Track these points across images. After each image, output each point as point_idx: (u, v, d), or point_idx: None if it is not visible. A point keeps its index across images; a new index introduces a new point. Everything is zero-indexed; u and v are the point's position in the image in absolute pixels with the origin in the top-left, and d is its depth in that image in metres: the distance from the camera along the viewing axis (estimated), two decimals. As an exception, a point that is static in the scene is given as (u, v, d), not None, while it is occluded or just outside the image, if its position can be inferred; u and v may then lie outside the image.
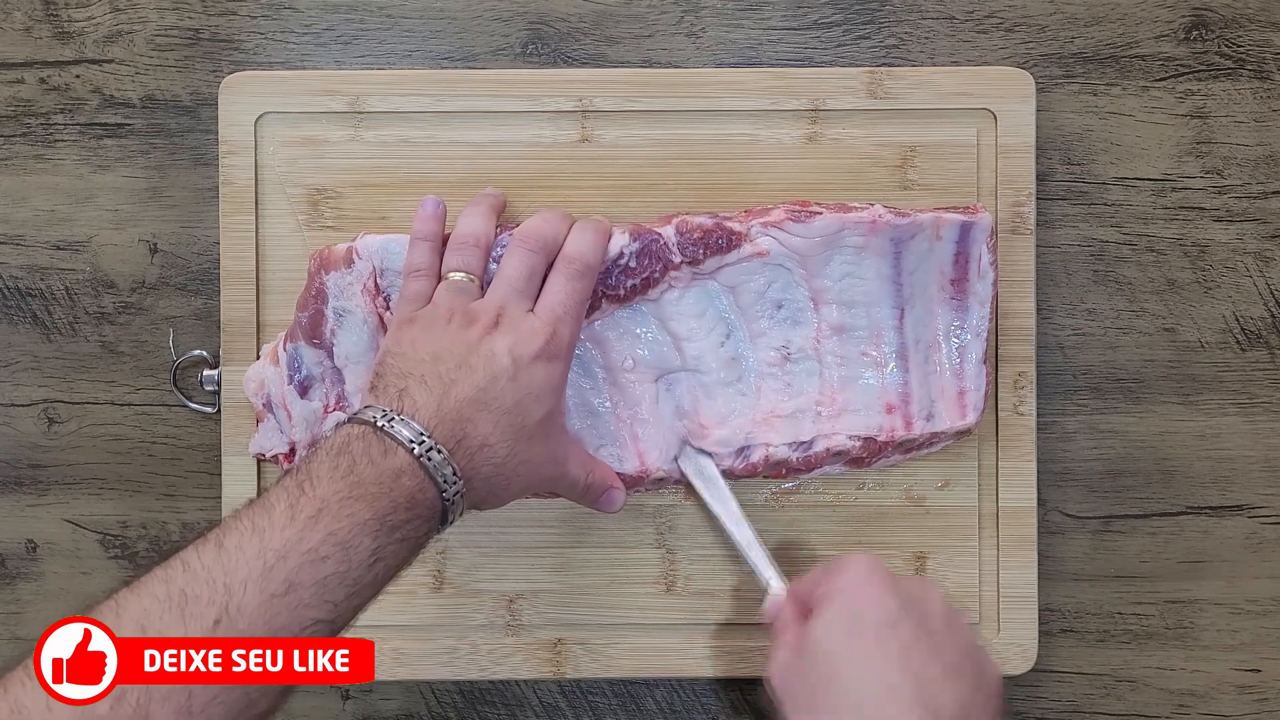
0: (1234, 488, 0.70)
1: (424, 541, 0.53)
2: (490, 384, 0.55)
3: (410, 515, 0.51)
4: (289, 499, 0.49)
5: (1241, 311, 0.70)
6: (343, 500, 0.49)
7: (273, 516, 0.49)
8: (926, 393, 0.65)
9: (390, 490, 0.51)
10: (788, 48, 0.70)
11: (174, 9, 0.70)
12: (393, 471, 0.51)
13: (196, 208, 0.70)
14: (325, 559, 0.48)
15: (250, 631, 0.46)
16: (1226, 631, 0.71)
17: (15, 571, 0.70)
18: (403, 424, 0.52)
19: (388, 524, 0.50)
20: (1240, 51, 0.70)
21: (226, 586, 0.46)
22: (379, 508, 0.50)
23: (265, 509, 0.49)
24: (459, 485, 0.53)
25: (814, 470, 0.66)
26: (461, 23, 0.70)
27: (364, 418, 0.53)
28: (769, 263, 0.64)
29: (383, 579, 0.51)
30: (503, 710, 0.71)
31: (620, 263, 0.63)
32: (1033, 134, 0.68)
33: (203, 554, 0.47)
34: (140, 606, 0.46)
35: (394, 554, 0.51)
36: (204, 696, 0.45)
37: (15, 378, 0.70)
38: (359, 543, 0.49)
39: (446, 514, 0.53)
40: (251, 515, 0.49)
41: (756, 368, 0.65)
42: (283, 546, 0.48)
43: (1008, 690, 0.70)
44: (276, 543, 0.48)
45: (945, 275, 0.65)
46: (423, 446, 0.52)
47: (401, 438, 0.52)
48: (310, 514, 0.49)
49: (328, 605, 0.48)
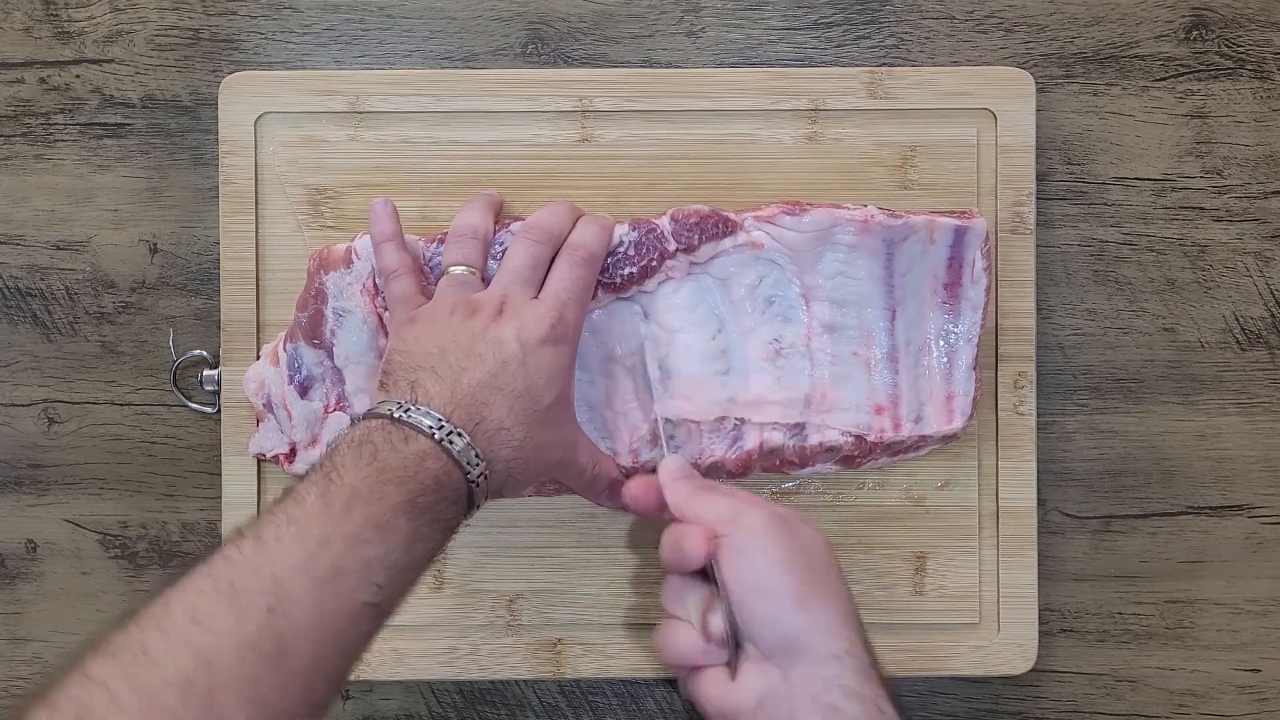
0: (1234, 488, 0.70)
1: (454, 526, 0.53)
2: (501, 369, 0.55)
3: (438, 498, 0.51)
4: (319, 489, 0.49)
5: (1241, 311, 0.70)
6: (372, 485, 0.49)
7: (305, 507, 0.49)
8: (915, 396, 0.65)
9: (417, 473, 0.51)
10: (788, 48, 0.70)
11: (174, 9, 0.70)
12: (416, 455, 0.51)
13: (196, 208, 0.70)
14: (367, 542, 0.48)
15: (303, 618, 0.46)
16: (1226, 631, 0.71)
17: (15, 571, 0.70)
18: (419, 413, 0.53)
19: (419, 505, 0.50)
20: (1240, 51, 0.70)
21: (274, 576, 0.46)
22: (408, 489, 0.50)
23: (297, 500, 0.49)
24: (482, 466, 0.53)
25: (807, 466, 0.66)
26: (461, 23, 0.70)
27: (380, 411, 0.53)
28: (761, 257, 0.64)
29: (420, 561, 0.51)
30: (503, 710, 0.71)
31: (619, 251, 0.63)
32: (1033, 134, 0.68)
33: (243, 548, 0.47)
34: (188, 601, 0.45)
35: (428, 536, 0.51)
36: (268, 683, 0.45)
37: (15, 378, 0.70)
38: (395, 524, 0.49)
39: (473, 496, 0.53)
40: (285, 508, 0.49)
41: (746, 362, 0.65)
42: (322, 533, 0.48)
43: (1008, 690, 0.70)
44: (316, 530, 0.48)
45: (938, 279, 0.65)
46: (442, 431, 0.52)
47: (420, 425, 0.52)
48: (344, 500, 0.49)
49: (373, 588, 0.48)
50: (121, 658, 0.44)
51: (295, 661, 0.45)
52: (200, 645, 0.44)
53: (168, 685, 0.43)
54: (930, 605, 0.68)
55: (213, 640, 0.44)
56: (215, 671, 0.44)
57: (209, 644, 0.44)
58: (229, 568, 0.47)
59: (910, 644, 0.68)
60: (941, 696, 0.70)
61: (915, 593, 0.68)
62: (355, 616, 0.48)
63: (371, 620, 0.49)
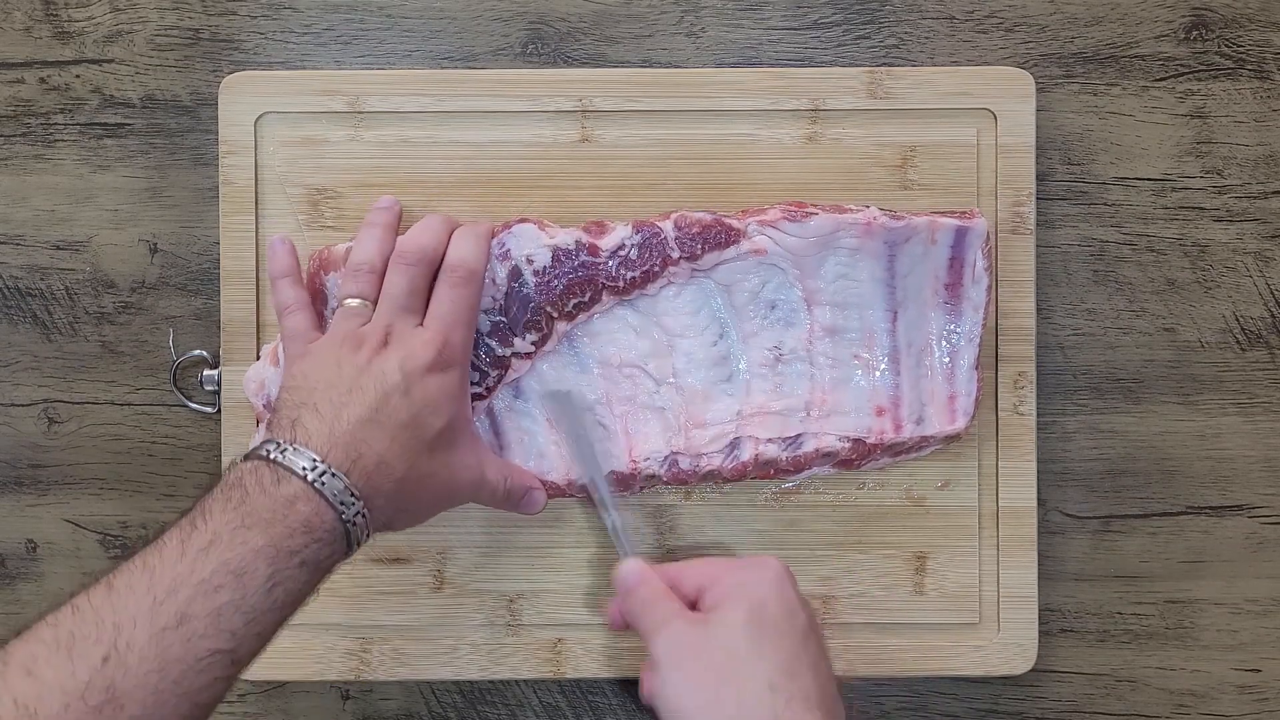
0: (1234, 488, 0.70)
1: (328, 566, 0.53)
2: (382, 402, 0.55)
3: (308, 540, 0.51)
4: (180, 535, 0.49)
5: (1241, 311, 0.70)
6: (235, 530, 0.49)
7: (164, 553, 0.49)
8: (917, 396, 0.65)
9: (285, 517, 0.50)
10: (788, 48, 0.70)
11: (174, 9, 0.70)
12: (286, 499, 0.51)
13: (196, 208, 0.70)
14: (219, 588, 0.48)
15: (141, 666, 0.46)
16: (1226, 631, 0.71)
17: (15, 571, 0.70)
18: (295, 453, 0.52)
19: (284, 549, 0.50)
20: (1240, 51, 0.70)
21: (115, 625, 0.46)
22: (273, 534, 0.50)
23: (157, 547, 0.49)
24: (358, 506, 0.52)
25: (803, 472, 0.66)
26: (461, 23, 0.70)
27: (258, 453, 0.53)
28: (764, 262, 0.64)
29: (284, 604, 0.50)
30: (503, 710, 0.71)
31: (621, 254, 0.63)
32: (1033, 134, 0.68)
33: (92, 597, 0.47)
34: (26, 651, 0.46)
35: (293, 579, 0.50)
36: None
37: (15, 378, 0.70)
38: (254, 569, 0.49)
39: (350, 536, 0.53)
40: (143, 555, 0.49)
41: (748, 368, 0.65)
42: (173, 580, 0.48)
43: (1008, 690, 0.70)
44: (167, 577, 0.48)
45: (939, 280, 0.65)
46: (315, 472, 0.52)
47: (294, 466, 0.52)
48: (201, 546, 0.49)
49: (225, 634, 0.48)
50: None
51: (130, 709, 0.45)
52: (26, 697, 0.44)
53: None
54: (930, 605, 0.68)
55: (39, 691, 0.45)
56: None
57: (35, 695, 0.44)
58: (74, 616, 0.47)
59: (910, 644, 0.68)
60: (941, 696, 0.70)
61: (915, 593, 0.68)
62: (203, 664, 0.47)
63: (224, 667, 0.48)
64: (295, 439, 0.53)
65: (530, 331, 0.63)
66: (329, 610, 0.67)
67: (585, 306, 0.64)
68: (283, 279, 0.62)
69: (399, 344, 0.58)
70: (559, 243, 0.63)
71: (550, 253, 0.63)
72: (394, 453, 0.55)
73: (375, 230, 0.62)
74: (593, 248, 0.63)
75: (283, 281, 0.62)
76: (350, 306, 0.60)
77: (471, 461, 0.60)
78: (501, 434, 0.65)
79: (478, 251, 0.61)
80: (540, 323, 0.63)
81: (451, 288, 0.60)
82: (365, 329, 0.59)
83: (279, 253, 0.63)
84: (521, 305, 0.63)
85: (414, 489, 0.56)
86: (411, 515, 0.58)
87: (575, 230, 0.64)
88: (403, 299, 0.59)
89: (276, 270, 0.63)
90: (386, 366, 0.56)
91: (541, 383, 0.65)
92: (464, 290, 0.60)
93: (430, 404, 0.57)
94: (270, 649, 0.50)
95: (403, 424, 0.55)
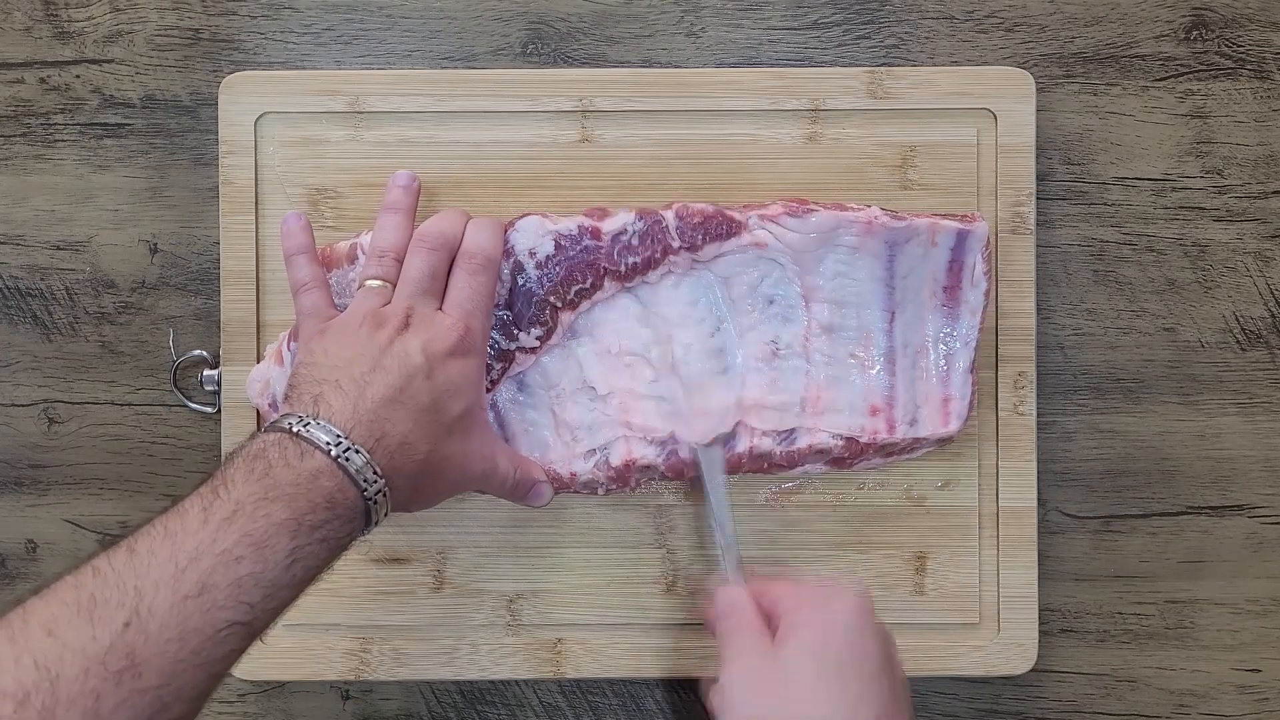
0: (1234, 488, 0.70)
1: (346, 543, 0.53)
2: (406, 383, 0.55)
3: (330, 515, 0.51)
4: (203, 503, 0.49)
5: (1241, 311, 0.70)
6: (258, 501, 0.49)
7: (186, 520, 0.48)
8: (911, 397, 0.65)
9: (308, 491, 0.50)
10: (788, 48, 0.70)
11: (174, 9, 0.70)
12: (310, 473, 0.51)
13: (196, 208, 0.70)
14: (240, 559, 0.48)
15: (161, 634, 0.45)
16: (1226, 631, 0.71)
17: (15, 571, 0.70)
18: (319, 427, 0.52)
19: (306, 524, 0.50)
20: (1240, 51, 0.70)
21: (137, 589, 0.46)
22: (296, 508, 0.50)
23: (179, 514, 0.49)
24: (380, 484, 0.53)
25: (796, 467, 0.66)
26: (461, 23, 0.70)
27: (280, 425, 0.53)
28: (763, 257, 0.64)
29: (302, 580, 0.50)
30: (503, 710, 0.71)
31: (623, 239, 0.63)
32: (1033, 134, 0.68)
33: (114, 560, 0.47)
34: (47, 612, 0.45)
35: (313, 554, 0.50)
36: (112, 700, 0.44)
37: (15, 378, 0.70)
38: (275, 543, 0.49)
39: (370, 514, 0.53)
40: (165, 521, 0.48)
41: (744, 361, 0.65)
42: (195, 548, 0.47)
43: (1008, 690, 0.70)
44: (189, 545, 0.47)
45: (938, 282, 0.65)
46: (340, 448, 0.52)
47: (318, 441, 0.51)
48: (224, 516, 0.48)
49: (244, 606, 0.48)
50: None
51: (148, 678, 0.45)
52: (47, 658, 0.44)
53: (4, 696, 0.43)
54: (930, 605, 0.68)
55: (60, 653, 0.44)
56: (57, 685, 0.43)
57: (56, 657, 0.44)
58: (95, 579, 0.46)
59: (910, 644, 0.68)
60: (941, 696, 0.70)
61: (915, 593, 0.68)
62: (221, 634, 0.47)
63: (240, 639, 0.48)
64: (319, 413, 0.53)
65: (535, 326, 0.63)
66: (329, 610, 0.67)
67: (587, 293, 0.64)
68: (299, 255, 0.62)
69: (421, 327, 0.58)
70: (561, 229, 0.63)
71: (553, 240, 0.63)
72: (417, 434, 0.55)
73: (396, 216, 0.63)
74: (595, 230, 0.63)
75: (299, 258, 0.62)
76: (372, 287, 0.60)
77: (486, 449, 0.60)
78: (506, 425, 0.65)
79: (494, 240, 0.62)
80: (545, 317, 0.63)
81: (470, 274, 0.60)
82: (386, 309, 0.59)
83: (294, 229, 0.63)
84: (525, 300, 0.63)
85: (433, 472, 0.56)
86: (426, 498, 0.57)
87: (578, 216, 0.64)
88: (424, 282, 0.60)
89: (292, 247, 0.62)
90: (410, 348, 0.56)
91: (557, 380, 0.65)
92: (482, 277, 0.60)
93: (451, 388, 0.57)
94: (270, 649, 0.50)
95: (424, 407, 0.55)
